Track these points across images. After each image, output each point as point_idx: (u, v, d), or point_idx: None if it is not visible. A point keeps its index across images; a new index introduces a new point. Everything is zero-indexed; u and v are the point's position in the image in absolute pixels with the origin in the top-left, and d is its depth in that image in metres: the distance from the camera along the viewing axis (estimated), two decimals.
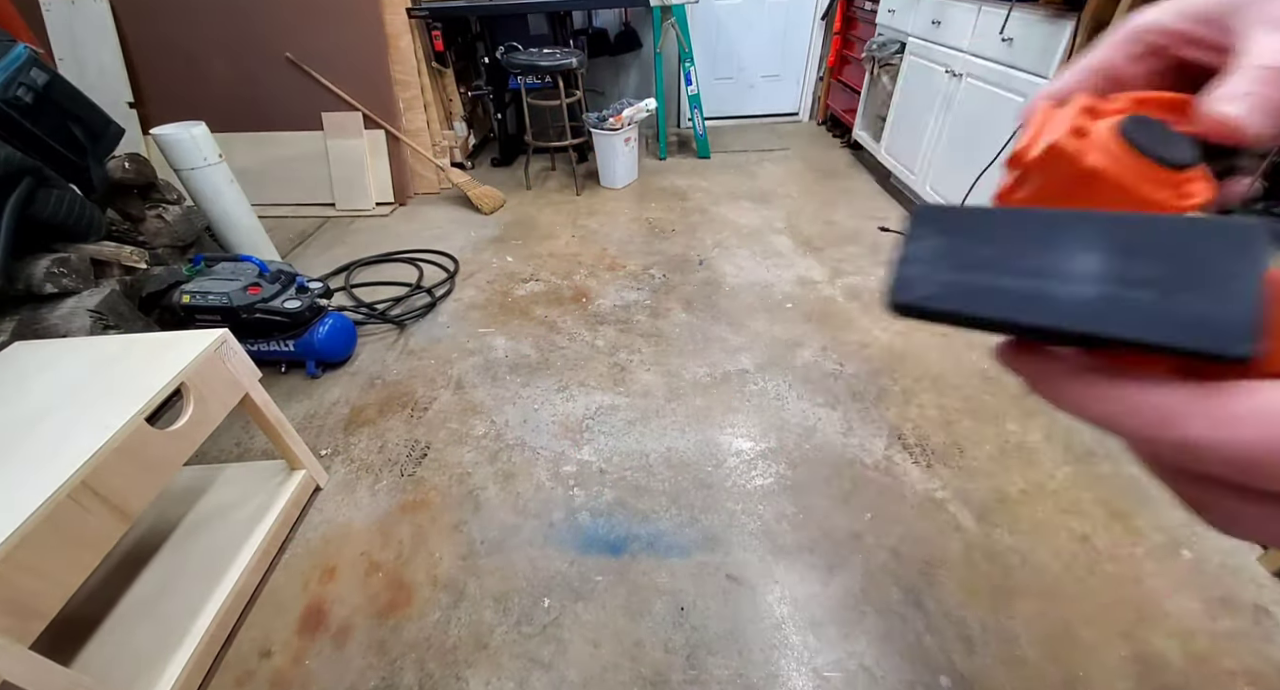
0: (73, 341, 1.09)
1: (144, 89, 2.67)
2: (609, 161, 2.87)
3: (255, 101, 2.67)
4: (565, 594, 1.12)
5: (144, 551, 1.15)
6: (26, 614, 0.73)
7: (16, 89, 1.45)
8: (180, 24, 2.55)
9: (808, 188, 2.86)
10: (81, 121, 1.63)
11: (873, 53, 2.67)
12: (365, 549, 1.22)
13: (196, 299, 1.58)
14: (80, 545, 0.79)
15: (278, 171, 2.77)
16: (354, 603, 1.12)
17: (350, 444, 1.48)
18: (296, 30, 2.55)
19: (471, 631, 1.06)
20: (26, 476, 0.77)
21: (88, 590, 1.07)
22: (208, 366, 1.01)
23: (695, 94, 3.13)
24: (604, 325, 1.88)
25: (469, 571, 1.17)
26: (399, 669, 1.01)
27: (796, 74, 3.82)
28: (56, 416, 0.87)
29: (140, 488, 0.88)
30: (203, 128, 1.97)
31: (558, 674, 1.00)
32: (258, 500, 1.24)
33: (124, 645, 0.99)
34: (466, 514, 1.28)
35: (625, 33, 3.53)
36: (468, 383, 1.67)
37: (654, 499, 1.30)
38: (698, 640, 1.03)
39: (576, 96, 2.75)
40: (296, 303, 1.60)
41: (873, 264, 2.16)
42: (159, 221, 1.84)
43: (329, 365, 1.74)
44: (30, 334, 1.34)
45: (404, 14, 2.59)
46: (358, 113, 2.65)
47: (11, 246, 1.35)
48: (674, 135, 3.68)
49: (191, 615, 1.03)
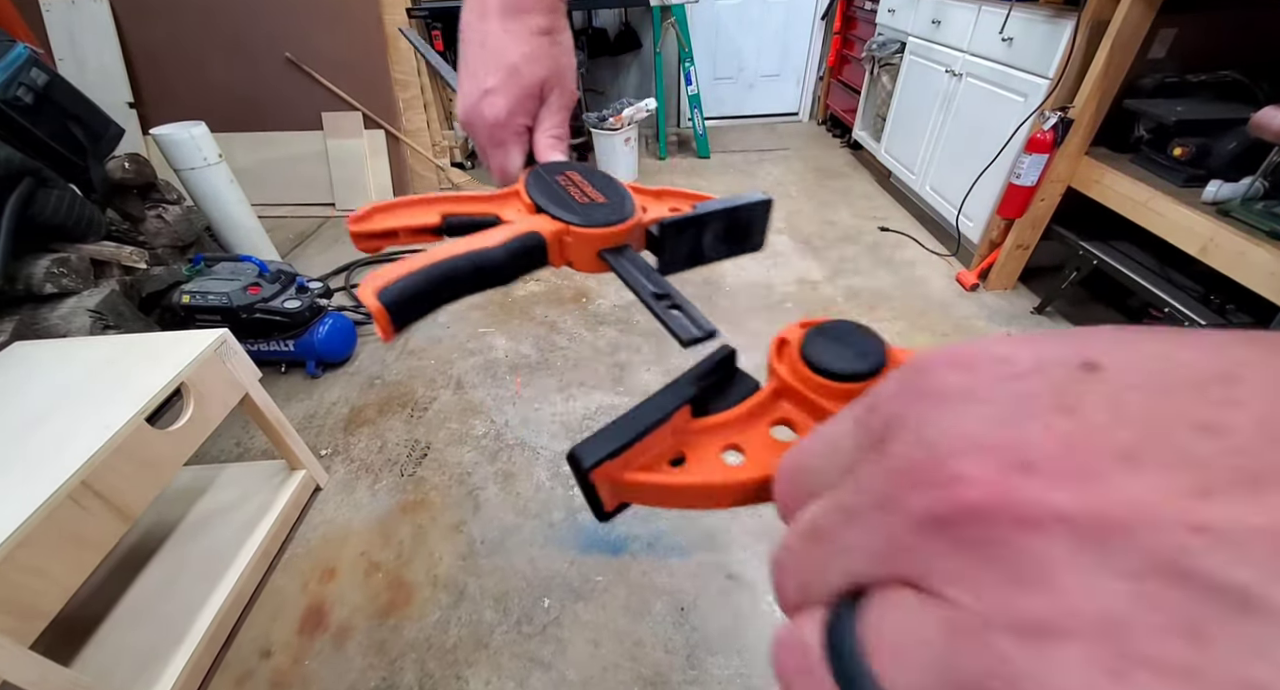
0: (73, 341, 1.09)
1: (144, 89, 2.66)
2: (609, 161, 2.87)
3: (255, 101, 2.67)
4: (565, 594, 1.12)
5: (144, 551, 1.15)
6: (26, 614, 0.73)
7: (16, 89, 1.45)
8: (180, 24, 2.55)
9: (808, 188, 2.86)
10: (81, 122, 1.63)
11: (873, 52, 2.67)
12: (365, 549, 1.22)
13: (196, 299, 1.58)
14: (80, 545, 0.79)
15: (277, 171, 2.77)
16: (354, 603, 1.12)
17: (350, 444, 1.48)
18: (296, 30, 2.55)
19: (471, 631, 1.06)
20: (26, 476, 0.77)
21: (88, 590, 1.07)
22: (208, 367, 1.01)
23: (695, 94, 3.13)
24: (604, 325, 1.88)
25: (469, 571, 1.16)
26: (399, 669, 1.01)
27: (796, 74, 3.82)
28: (56, 417, 0.87)
29: (140, 488, 0.88)
30: (203, 128, 1.97)
31: (558, 674, 1.00)
32: (258, 500, 1.24)
33: (124, 645, 0.99)
34: (466, 514, 1.28)
35: (625, 32, 3.52)
36: (468, 383, 1.67)
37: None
38: (698, 640, 1.03)
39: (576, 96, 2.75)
40: (296, 303, 1.60)
41: (873, 264, 2.16)
42: (159, 222, 1.84)
43: (329, 365, 1.74)
44: (30, 334, 1.34)
45: (404, 14, 2.59)
46: (357, 113, 2.65)
47: (11, 247, 1.35)
48: (674, 135, 3.68)
49: (191, 615, 1.03)
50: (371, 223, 0.27)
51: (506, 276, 0.25)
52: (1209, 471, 0.07)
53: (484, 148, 0.36)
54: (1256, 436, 0.07)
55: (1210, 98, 1.42)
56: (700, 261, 0.30)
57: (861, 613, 0.10)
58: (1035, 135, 1.59)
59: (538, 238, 0.26)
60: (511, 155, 0.35)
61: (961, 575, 0.08)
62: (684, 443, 0.18)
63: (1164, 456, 0.08)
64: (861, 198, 2.72)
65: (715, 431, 0.18)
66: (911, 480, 0.09)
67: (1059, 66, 1.57)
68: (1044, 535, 0.08)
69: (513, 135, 0.34)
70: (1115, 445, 0.08)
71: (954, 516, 0.08)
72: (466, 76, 0.34)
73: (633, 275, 0.25)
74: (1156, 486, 0.07)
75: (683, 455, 0.18)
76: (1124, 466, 0.08)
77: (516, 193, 0.29)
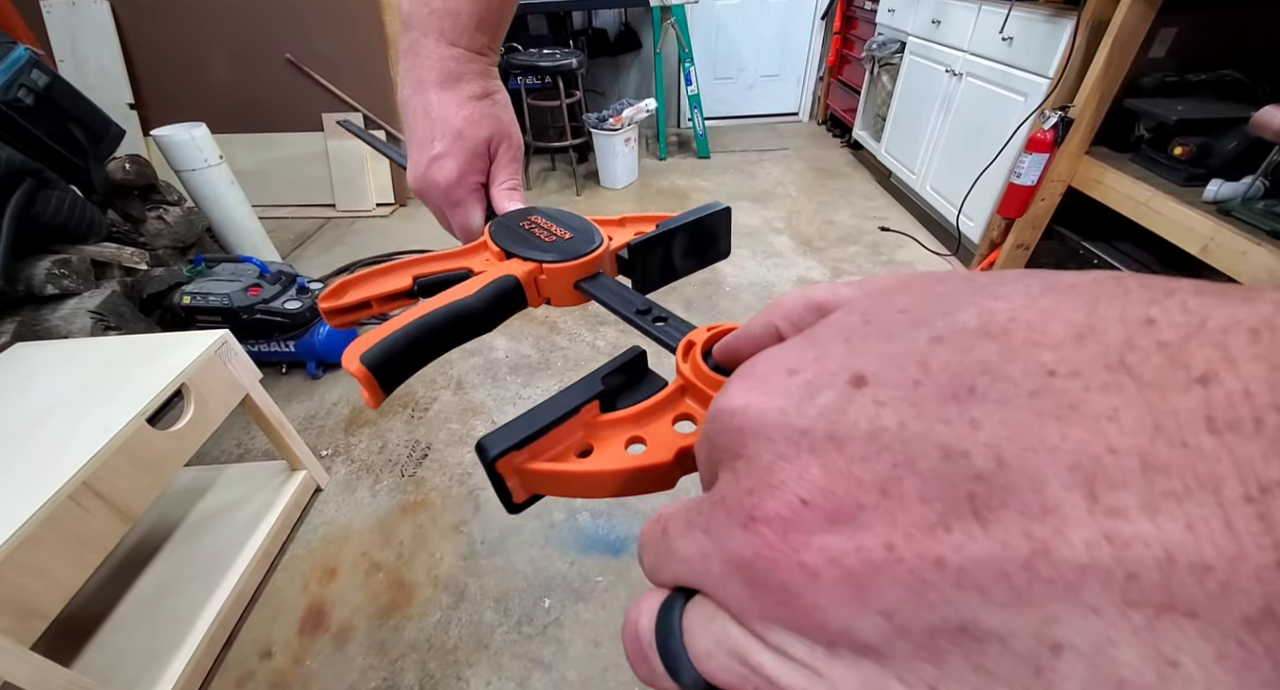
0: (74, 343, 1.10)
1: (144, 90, 2.67)
2: (609, 162, 2.87)
3: (255, 102, 2.67)
4: (566, 594, 1.12)
5: (145, 552, 1.15)
6: (27, 614, 0.73)
7: (17, 90, 1.46)
8: (181, 25, 2.55)
9: (808, 188, 2.86)
10: (82, 123, 1.63)
11: (873, 52, 2.67)
12: (366, 549, 1.22)
13: (197, 300, 1.58)
14: (81, 546, 0.79)
15: (278, 172, 2.77)
16: (355, 603, 1.12)
17: (351, 444, 1.48)
18: (296, 31, 2.55)
19: (472, 632, 1.06)
20: (28, 477, 0.77)
21: (89, 591, 1.07)
22: (208, 367, 1.01)
23: (695, 94, 3.13)
24: (604, 325, 1.88)
25: (470, 572, 1.17)
26: (400, 669, 1.02)
27: (796, 74, 3.82)
28: (57, 417, 0.87)
29: (141, 488, 0.88)
30: (203, 129, 1.97)
31: (558, 674, 1.00)
32: (258, 501, 1.24)
33: (125, 646, 0.99)
34: (467, 514, 1.28)
35: (625, 33, 3.53)
36: (468, 383, 1.67)
37: (654, 498, 1.29)
38: None
39: (576, 97, 2.75)
40: (297, 303, 1.60)
41: (873, 264, 2.16)
42: (159, 223, 1.84)
43: (330, 366, 1.74)
44: (31, 335, 1.34)
45: None
46: (358, 113, 2.66)
47: (12, 248, 1.35)
48: (674, 135, 3.68)
49: (192, 616, 1.03)
50: (343, 297, 0.27)
51: (487, 324, 0.26)
52: (948, 503, 0.08)
53: (441, 210, 0.37)
54: (986, 460, 0.08)
55: (1210, 97, 1.42)
56: (673, 277, 0.31)
57: (688, 609, 0.12)
58: (1035, 135, 1.59)
59: (512, 280, 0.27)
60: (471, 213, 0.36)
61: (752, 609, 0.10)
62: (592, 435, 0.20)
63: (911, 488, 0.09)
64: (862, 198, 2.72)
65: (621, 425, 0.20)
66: (726, 515, 0.11)
67: (1059, 66, 1.57)
68: (817, 582, 0.09)
69: (468, 193, 0.36)
70: (874, 479, 0.09)
71: (750, 563, 0.10)
72: (414, 146, 0.36)
73: (613, 299, 0.26)
74: (904, 522, 0.08)
75: (590, 447, 0.19)
76: (881, 502, 0.09)
77: (484, 244, 0.30)
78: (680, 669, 0.11)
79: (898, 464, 0.09)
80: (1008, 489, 0.08)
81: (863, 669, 0.09)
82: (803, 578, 0.09)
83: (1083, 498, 0.07)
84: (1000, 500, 0.08)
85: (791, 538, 0.09)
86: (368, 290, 0.28)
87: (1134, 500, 0.07)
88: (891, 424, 0.09)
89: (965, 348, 0.09)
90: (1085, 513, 0.07)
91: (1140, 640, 0.07)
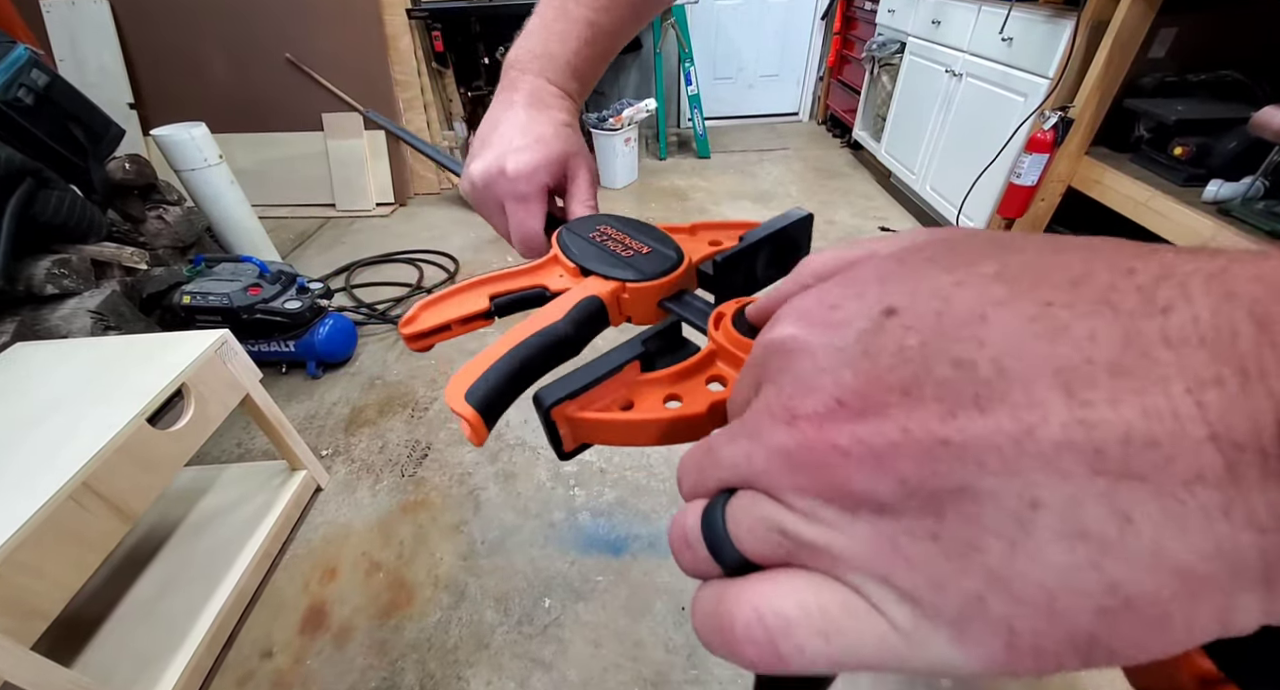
0: (74, 342, 1.09)
1: (144, 90, 2.67)
2: (609, 161, 2.87)
3: (255, 102, 2.67)
4: (566, 594, 1.12)
5: (145, 552, 1.15)
6: (27, 614, 0.73)
7: (17, 90, 1.46)
8: (180, 25, 2.55)
9: (808, 188, 2.87)
10: (82, 123, 1.63)
11: (873, 53, 2.67)
12: (366, 549, 1.22)
13: (197, 300, 1.58)
14: (81, 546, 0.79)
15: (278, 172, 2.77)
16: (355, 603, 1.12)
17: (351, 444, 1.48)
18: (296, 31, 2.55)
19: (472, 631, 1.06)
20: (28, 477, 0.77)
21: (89, 591, 1.07)
22: (208, 367, 1.01)
23: (695, 94, 3.13)
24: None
25: (470, 571, 1.17)
26: (400, 669, 1.02)
27: (796, 74, 3.82)
28: (57, 417, 0.87)
29: (141, 488, 0.88)
30: (203, 128, 1.97)
31: (559, 674, 1.00)
32: (259, 501, 1.24)
33: (125, 646, 0.99)
34: (467, 514, 1.28)
35: None
36: None
37: (655, 498, 1.30)
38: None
39: None
40: (297, 303, 1.60)
41: None
42: (159, 222, 1.84)
43: (329, 366, 1.74)
44: (31, 335, 1.34)
45: (404, 14, 2.59)
46: (357, 113, 2.65)
47: (12, 247, 1.35)
48: (674, 135, 3.68)
49: (192, 616, 1.03)
50: (421, 322, 0.27)
51: (576, 348, 0.26)
52: (956, 399, 0.10)
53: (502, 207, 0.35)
54: (990, 369, 0.10)
55: (1210, 97, 1.42)
56: (755, 288, 0.29)
57: (729, 503, 0.14)
58: (1035, 135, 1.59)
59: (597, 301, 0.26)
60: (533, 212, 0.35)
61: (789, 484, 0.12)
62: (633, 392, 0.22)
63: (927, 390, 0.10)
64: (861, 198, 2.72)
65: (659, 383, 0.22)
66: (771, 419, 0.13)
67: (1059, 66, 1.57)
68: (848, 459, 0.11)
69: (536, 191, 0.35)
70: (898, 382, 0.11)
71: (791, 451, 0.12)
72: (488, 149, 0.35)
73: (698, 317, 0.26)
74: (919, 414, 0.10)
75: (631, 402, 0.22)
76: (902, 401, 0.11)
77: (555, 259, 0.29)
78: (723, 550, 0.13)
79: (918, 372, 0.11)
80: (1005, 389, 0.10)
81: (879, 523, 0.11)
82: (835, 456, 0.11)
83: (1063, 394, 0.09)
84: (999, 397, 0.10)
85: (828, 427, 0.11)
86: (445, 313, 0.28)
87: (1103, 395, 0.09)
88: (915, 343, 0.11)
89: (982, 287, 0.11)
90: (1063, 405, 0.09)
91: (1103, 500, 0.09)
